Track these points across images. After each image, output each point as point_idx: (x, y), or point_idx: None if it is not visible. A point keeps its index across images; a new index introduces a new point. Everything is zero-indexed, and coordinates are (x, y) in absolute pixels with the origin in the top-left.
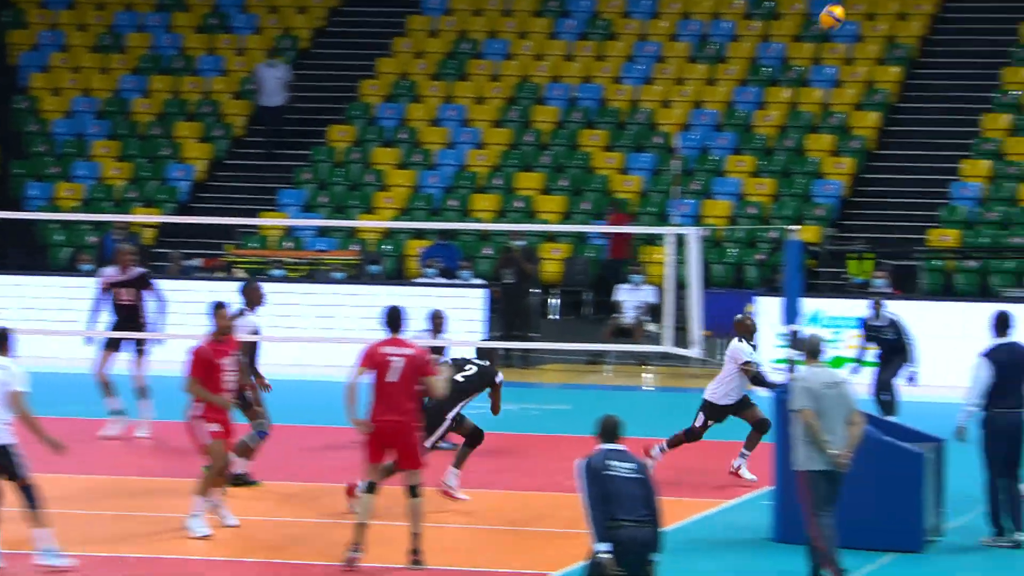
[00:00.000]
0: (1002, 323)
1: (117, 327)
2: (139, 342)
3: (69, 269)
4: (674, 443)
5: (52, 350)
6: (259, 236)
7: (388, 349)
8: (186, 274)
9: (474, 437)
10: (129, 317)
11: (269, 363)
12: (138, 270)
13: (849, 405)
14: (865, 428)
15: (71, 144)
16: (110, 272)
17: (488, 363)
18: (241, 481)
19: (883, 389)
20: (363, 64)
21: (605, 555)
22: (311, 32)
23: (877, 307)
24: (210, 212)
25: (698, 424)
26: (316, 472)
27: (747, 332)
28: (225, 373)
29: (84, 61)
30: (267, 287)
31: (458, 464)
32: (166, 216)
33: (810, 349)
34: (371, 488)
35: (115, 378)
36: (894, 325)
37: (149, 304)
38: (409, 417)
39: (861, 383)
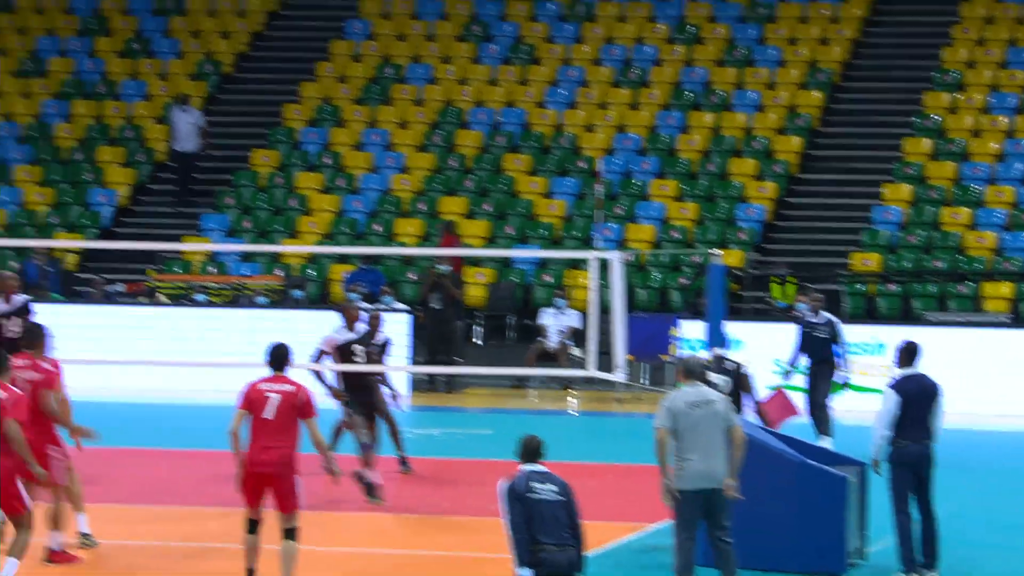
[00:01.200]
0: (908, 354)
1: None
2: None
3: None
4: None
5: None
6: (182, 261)
7: (266, 386)
8: (109, 299)
9: None
10: (10, 350)
11: (190, 388)
12: (22, 298)
13: (725, 423)
14: (746, 443)
15: None
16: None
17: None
18: None
19: (816, 407)
20: (286, 88)
21: None
22: (234, 56)
23: (816, 304)
24: (133, 237)
25: None
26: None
27: None
28: None
29: (6, 86)
30: (191, 312)
31: None
32: (89, 241)
33: (685, 369)
34: (253, 528)
35: None
36: (830, 324)
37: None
38: (287, 457)
39: (795, 392)
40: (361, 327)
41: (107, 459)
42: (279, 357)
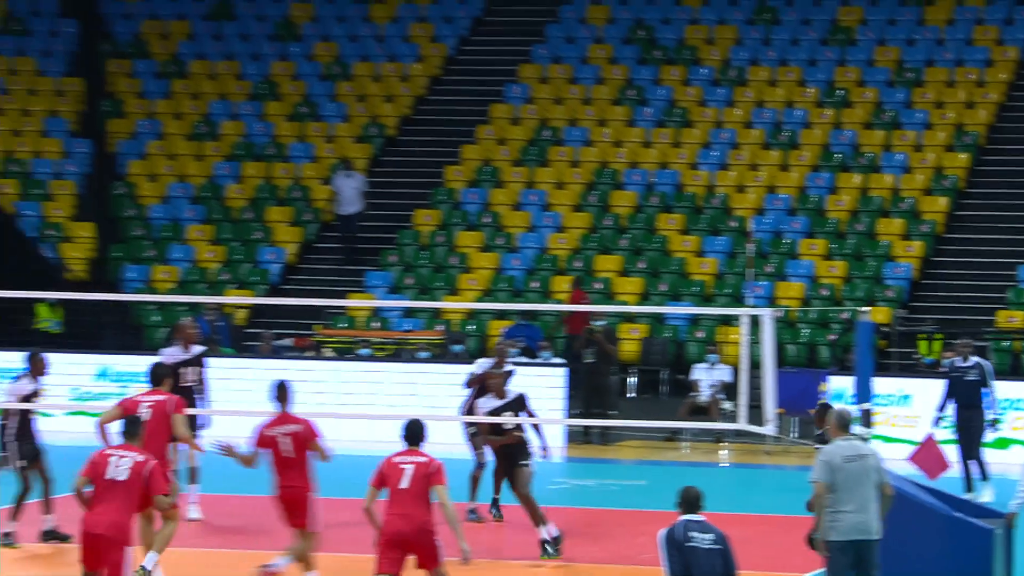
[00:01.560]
0: None
1: None
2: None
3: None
4: None
5: None
6: (347, 316)
7: (400, 459)
8: (277, 354)
9: None
10: (187, 397)
11: (353, 439)
12: (199, 348)
13: (877, 477)
14: (894, 496)
15: (167, 228)
16: (173, 351)
17: None
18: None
19: (970, 454)
20: (448, 151)
21: None
22: (398, 120)
23: (964, 350)
24: (300, 294)
25: None
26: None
27: None
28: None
29: (180, 148)
30: (355, 366)
31: None
32: (258, 298)
33: (838, 423)
34: None
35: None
36: (979, 367)
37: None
38: (425, 524)
39: (944, 440)
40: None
41: (260, 506)
42: (414, 432)
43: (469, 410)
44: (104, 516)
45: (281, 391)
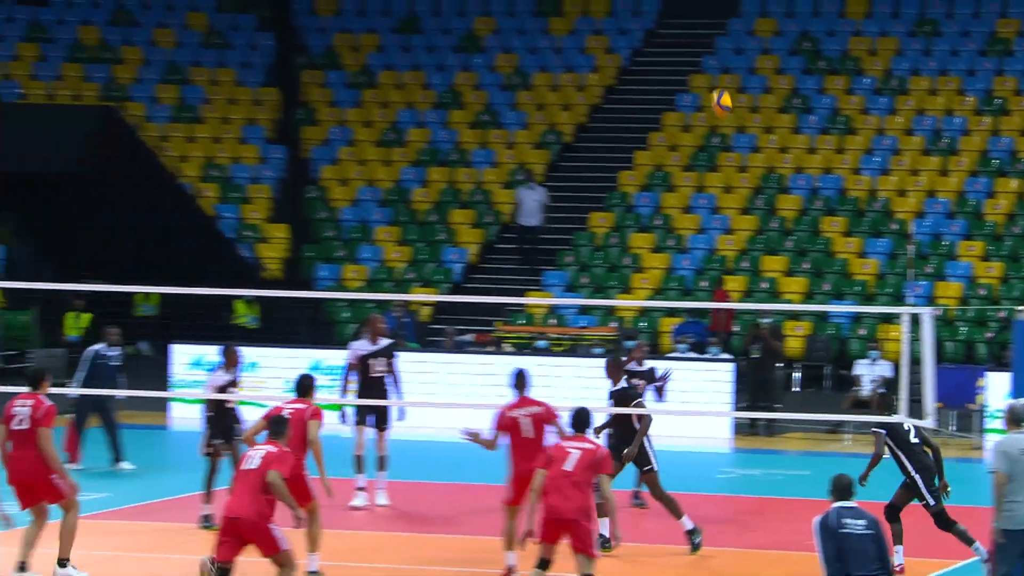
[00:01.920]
0: None
1: (365, 398)
2: (382, 414)
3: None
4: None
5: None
6: (526, 313)
7: (568, 444)
8: (459, 348)
9: None
10: (376, 388)
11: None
12: (387, 341)
13: None
14: None
15: (357, 230)
16: (361, 344)
17: None
18: None
19: None
20: (622, 156)
21: None
22: (574, 128)
23: None
24: (481, 292)
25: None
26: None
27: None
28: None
29: (369, 154)
30: (533, 361)
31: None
32: (442, 295)
33: (1011, 417)
34: (543, 565)
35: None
36: None
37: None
38: (584, 508)
39: None
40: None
41: (438, 493)
42: (582, 419)
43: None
44: (237, 501)
45: (520, 378)
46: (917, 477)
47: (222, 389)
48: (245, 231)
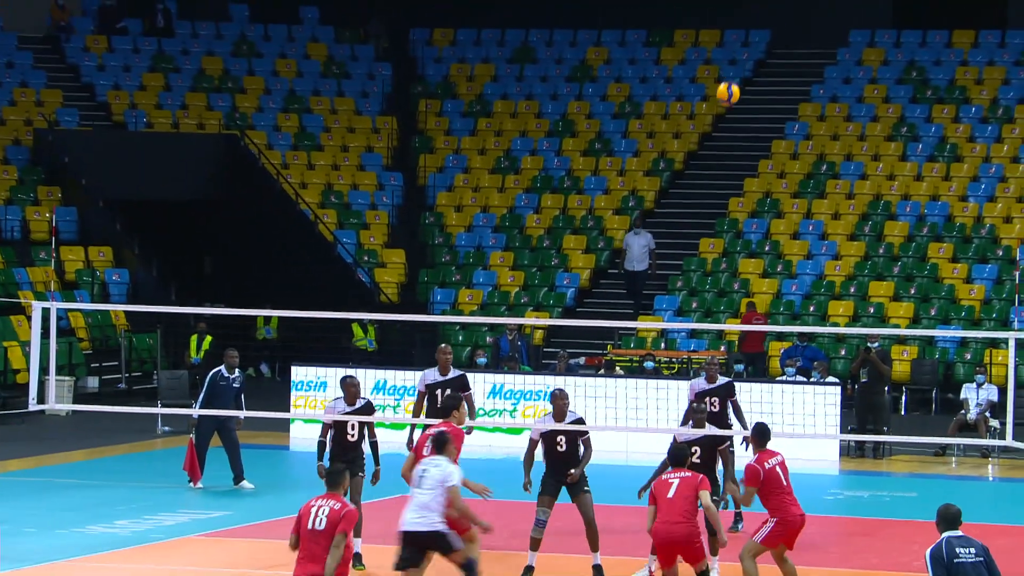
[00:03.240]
0: None
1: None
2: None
3: (467, 366)
4: None
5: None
6: (636, 337)
7: (668, 476)
8: (571, 371)
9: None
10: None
11: (643, 451)
12: (458, 372)
13: None
14: None
15: (471, 255)
16: (431, 374)
17: None
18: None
19: None
20: (732, 184)
21: None
22: (685, 155)
23: None
24: (593, 316)
25: None
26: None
27: None
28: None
29: (484, 181)
30: (642, 383)
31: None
32: (554, 319)
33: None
34: None
35: None
36: None
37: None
38: (691, 529)
39: None
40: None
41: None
42: (679, 456)
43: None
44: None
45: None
46: None
47: (338, 422)
48: (363, 256)
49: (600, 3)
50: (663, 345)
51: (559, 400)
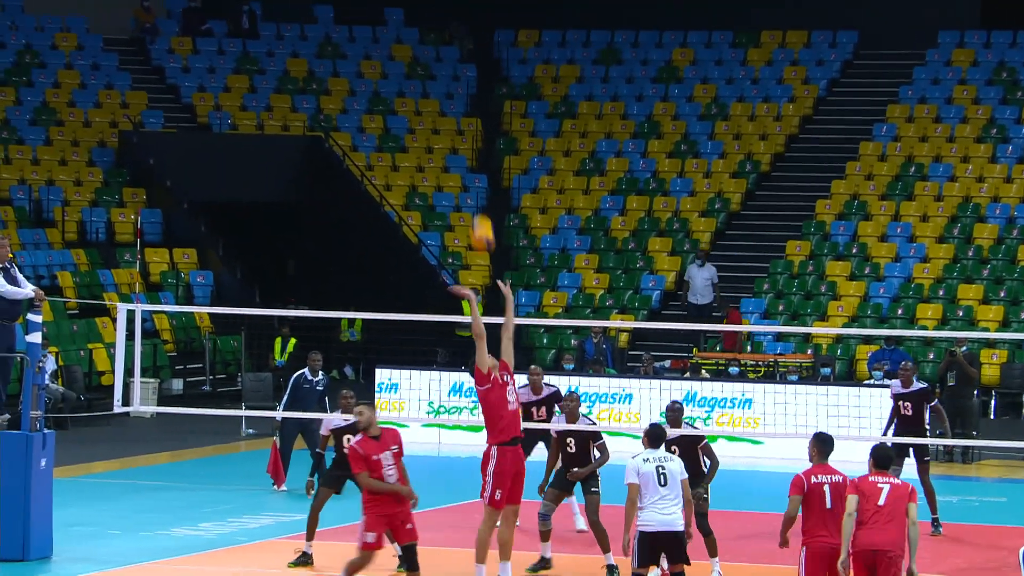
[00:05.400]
0: None
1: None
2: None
3: (553, 369)
4: None
5: None
6: (722, 340)
7: (875, 479)
8: (656, 374)
9: None
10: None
11: (734, 455)
12: (551, 390)
13: None
14: None
15: (556, 257)
16: (523, 392)
17: None
18: None
19: None
20: (819, 186)
21: None
22: (771, 157)
23: None
24: (677, 318)
25: None
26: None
27: None
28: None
29: (568, 183)
30: (728, 387)
31: None
32: (639, 322)
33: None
34: None
35: None
36: None
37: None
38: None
39: None
40: None
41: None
42: (883, 457)
43: None
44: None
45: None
46: None
47: (339, 432)
48: (447, 258)
49: (686, 4)
50: (749, 348)
51: (570, 402)
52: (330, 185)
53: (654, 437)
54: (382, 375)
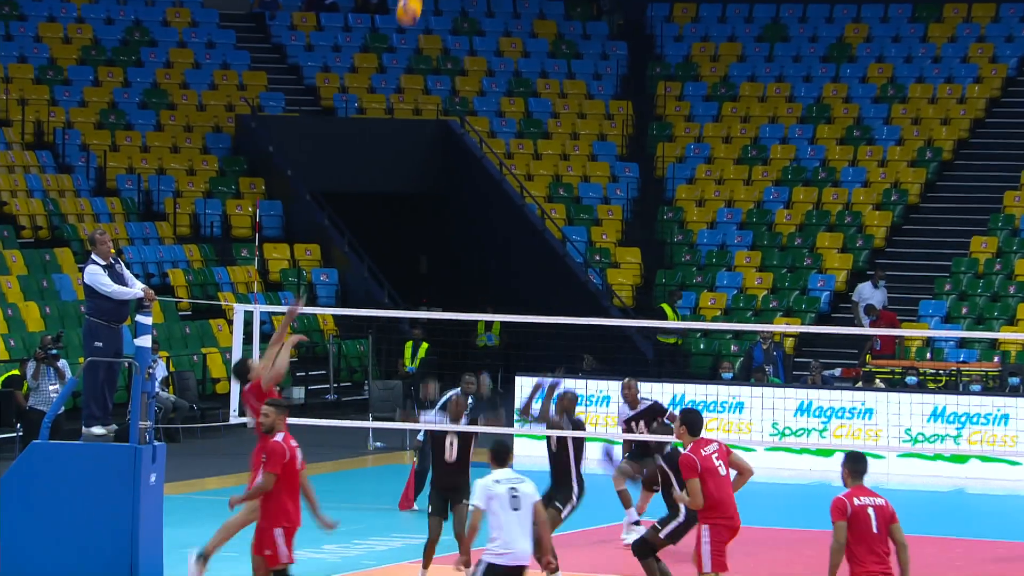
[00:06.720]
0: None
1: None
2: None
3: (710, 378)
4: None
5: None
6: (899, 346)
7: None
8: (826, 383)
9: None
10: (640, 446)
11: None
12: (648, 403)
13: None
14: None
15: (714, 254)
16: (622, 409)
17: None
18: None
19: None
20: (1007, 175)
21: None
22: (954, 144)
23: None
24: (850, 323)
25: None
26: None
27: None
28: None
29: (728, 173)
30: (906, 398)
31: None
32: (807, 326)
33: None
34: None
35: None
36: None
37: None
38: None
39: None
40: None
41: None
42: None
43: None
44: None
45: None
46: None
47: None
48: (594, 255)
49: None
50: (929, 355)
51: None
52: (466, 174)
53: (498, 456)
54: (523, 384)
